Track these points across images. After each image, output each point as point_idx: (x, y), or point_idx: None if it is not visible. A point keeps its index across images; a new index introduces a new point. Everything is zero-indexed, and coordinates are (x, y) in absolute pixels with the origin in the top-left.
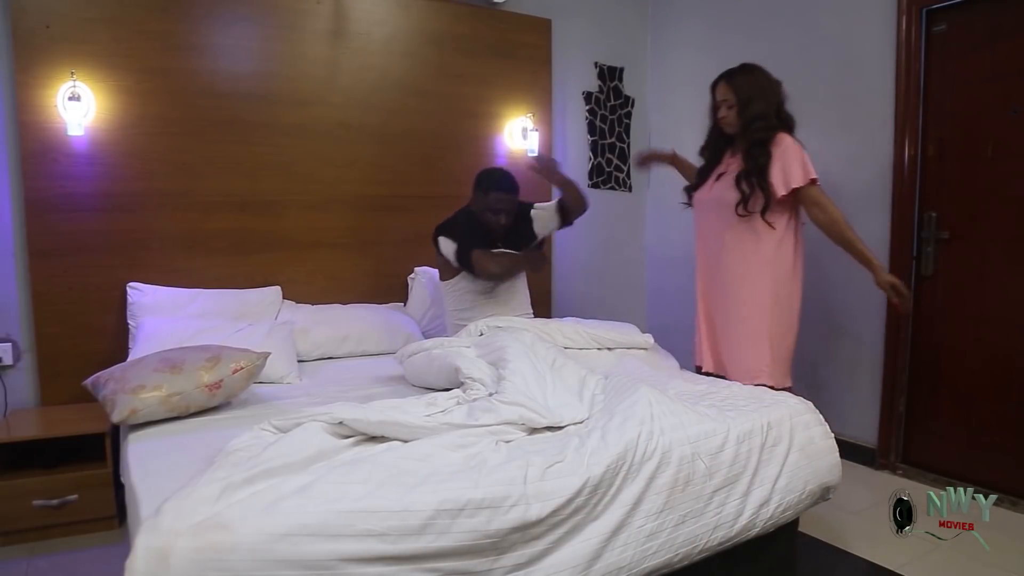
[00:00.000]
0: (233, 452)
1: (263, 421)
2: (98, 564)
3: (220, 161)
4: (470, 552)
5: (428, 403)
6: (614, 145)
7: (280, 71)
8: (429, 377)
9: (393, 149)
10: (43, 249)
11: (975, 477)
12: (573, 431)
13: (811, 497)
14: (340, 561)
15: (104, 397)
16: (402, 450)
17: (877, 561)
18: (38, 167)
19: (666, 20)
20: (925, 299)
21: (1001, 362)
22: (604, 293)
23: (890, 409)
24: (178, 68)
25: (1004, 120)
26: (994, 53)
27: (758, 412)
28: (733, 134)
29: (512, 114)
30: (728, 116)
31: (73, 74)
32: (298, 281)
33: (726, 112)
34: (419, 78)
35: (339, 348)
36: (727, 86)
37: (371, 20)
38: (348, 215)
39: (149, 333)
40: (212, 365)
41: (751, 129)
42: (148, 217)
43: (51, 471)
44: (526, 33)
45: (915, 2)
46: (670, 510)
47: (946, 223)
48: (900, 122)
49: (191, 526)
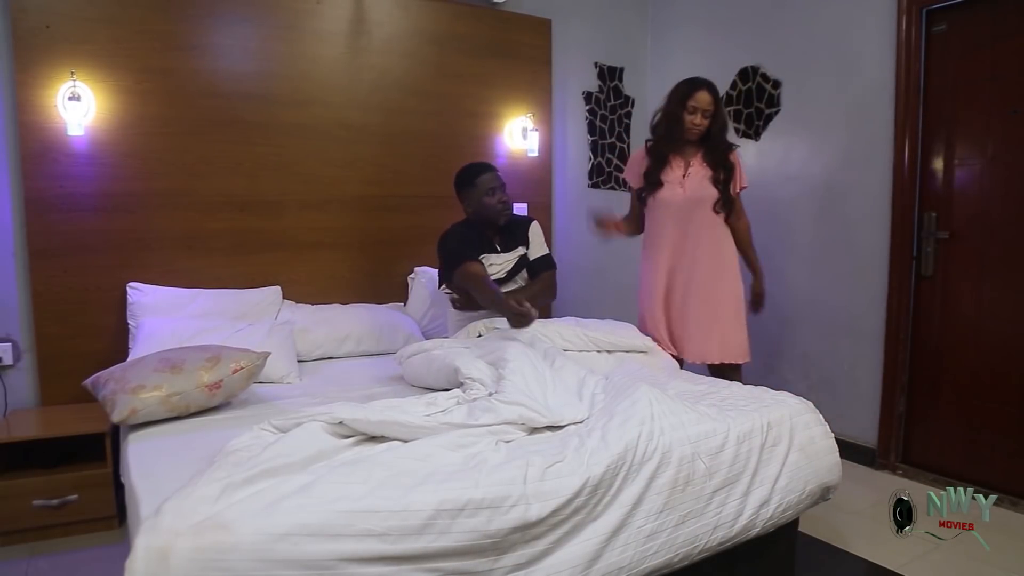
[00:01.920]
0: (233, 452)
1: (263, 421)
2: (98, 564)
3: (220, 161)
4: (470, 552)
5: (428, 403)
6: (614, 145)
7: (280, 71)
8: (428, 378)
9: (393, 149)
10: (43, 249)
11: (975, 477)
12: (573, 431)
13: (811, 497)
14: (340, 561)
15: (104, 397)
16: (402, 450)
17: (877, 561)
18: (38, 167)
19: (666, 20)
20: (925, 299)
21: (1001, 362)
22: (604, 293)
23: (890, 409)
24: (178, 68)
25: (1004, 120)
26: (994, 53)
27: (758, 412)
28: (691, 139)
29: (512, 114)
30: (702, 124)
31: (73, 74)
32: (298, 281)
33: (701, 120)
34: (419, 78)
35: (339, 348)
36: (711, 96)
37: (371, 20)
38: (348, 215)
39: (149, 333)
40: (212, 365)
41: (722, 139)
42: (148, 217)
43: (51, 471)
44: (526, 33)
45: (915, 2)
46: (670, 510)
47: (946, 223)
48: (900, 122)
49: (191, 526)
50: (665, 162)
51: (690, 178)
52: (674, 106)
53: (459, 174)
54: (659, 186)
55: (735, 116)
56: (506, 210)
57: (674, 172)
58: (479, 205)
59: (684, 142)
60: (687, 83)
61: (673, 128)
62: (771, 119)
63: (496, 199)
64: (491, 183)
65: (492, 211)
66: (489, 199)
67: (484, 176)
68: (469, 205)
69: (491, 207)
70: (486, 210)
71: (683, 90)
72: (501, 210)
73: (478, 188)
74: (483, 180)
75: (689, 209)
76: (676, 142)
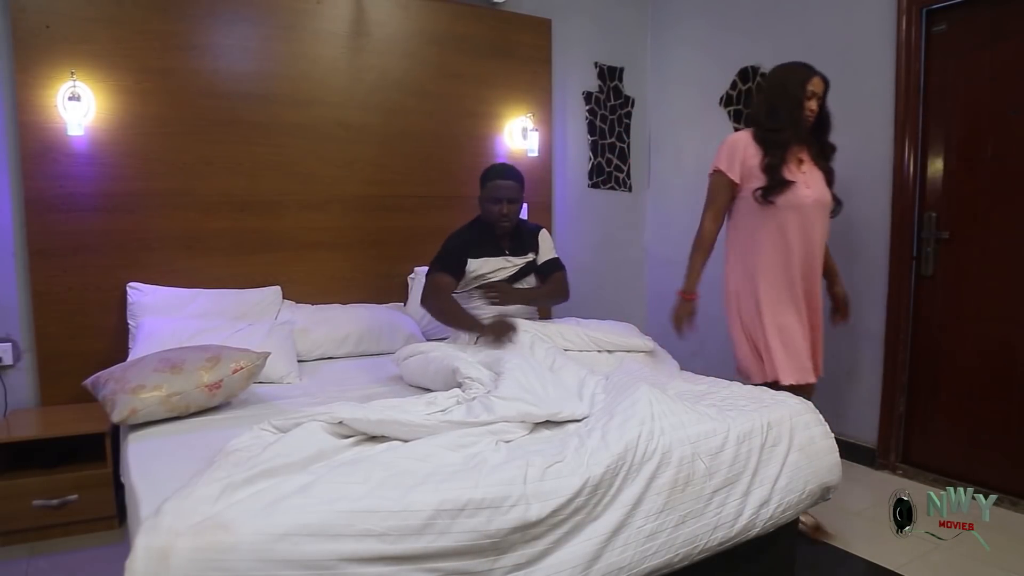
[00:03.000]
0: (233, 452)
1: (263, 421)
2: (98, 564)
3: (220, 161)
4: (470, 552)
5: (428, 402)
6: (614, 145)
7: (280, 71)
8: (426, 380)
9: (393, 149)
10: (43, 249)
11: (975, 477)
12: (573, 430)
13: (811, 497)
14: (340, 561)
15: (104, 397)
16: (402, 450)
17: (877, 561)
18: (38, 167)
19: (666, 20)
20: (925, 299)
21: (1001, 362)
22: (604, 293)
23: (890, 409)
24: (178, 68)
25: (1004, 120)
26: (994, 53)
27: (758, 412)
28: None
29: (512, 114)
30: (813, 114)
31: (73, 74)
32: (298, 281)
33: (815, 107)
34: (419, 78)
35: (339, 348)
36: (822, 81)
37: (371, 20)
38: (348, 215)
39: (149, 333)
40: (212, 365)
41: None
42: (148, 217)
43: (51, 471)
44: (526, 33)
45: (915, 2)
46: (670, 510)
47: (946, 223)
48: (900, 122)
49: (191, 526)
50: (787, 156)
51: (808, 177)
52: (796, 89)
53: (486, 169)
54: (787, 185)
55: (735, 116)
56: (504, 222)
57: (793, 170)
58: (483, 207)
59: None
60: (802, 66)
61: (797, 116)
62: None
63: (498, 210)
64: (497, 193)
65: (490, 217)
66: (491, 206)
67: (495, 183)
68: (480, 201)
69: (491, 213)
70: (486, 214)
71: (802, 73)
72: (498, 221)
73: (486, 190)
74: (492, 187)
75: (816, 212)
76: (800, 133)
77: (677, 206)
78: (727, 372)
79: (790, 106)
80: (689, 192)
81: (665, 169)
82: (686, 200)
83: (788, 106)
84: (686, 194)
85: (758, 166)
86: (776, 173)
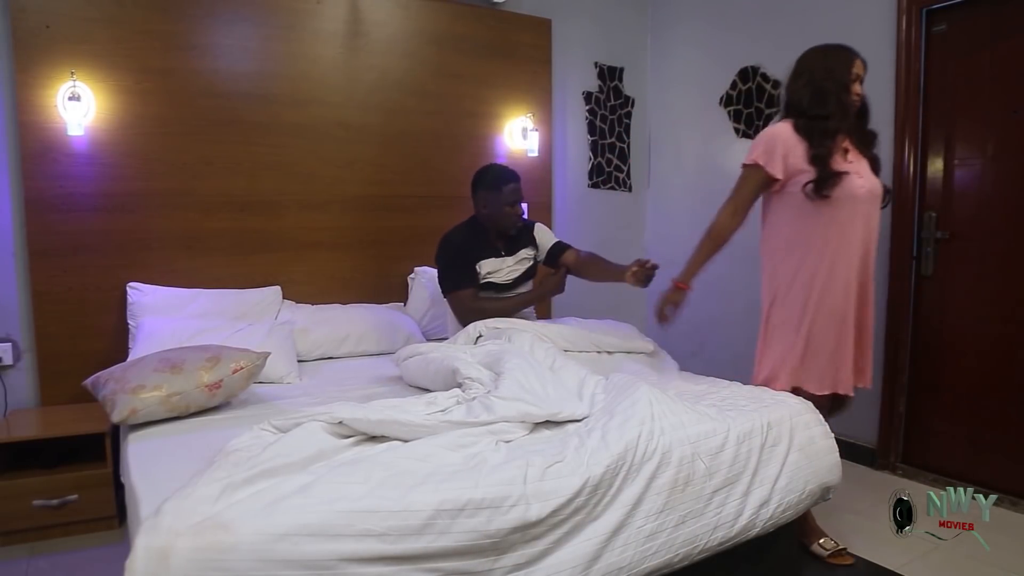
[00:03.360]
0: (233, 452)
1: (263, 421)
2: (98, 564)
3: (220, 161)
4: (470, 552)
5: (428, 402)
6: (614, 145)
7: (280, 71)
8: (425, 380)
9: (393, 149)
10: (43, 249)
11: (975, 477)
12: (573, 430)
13: (811, 497)
14: (340, 561)
15: (104, 397)
16: (402, 450)
17: (877, 561)
18: (38, 167)
19: (666, 20)
20: (925, 299)
21: (1001, 362)
22: (604, 293)
23: (890, 409)
24: (178, 68)
25: (1004, 120)
26: (994, 53)
27: (758, 412)
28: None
29: (512, 114)
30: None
31: (73, 74)
32: (298, 281)
33: (860, 89)
34: (419, 78)
35: (339, 348)
36: (863, 64)
37: (371, 20)
38: (348, 215)
39: (149, 333)
40: (212, 365)
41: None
42: (148, 217)
43: (51, 471)
44: (526, 33)
45: (915, 2)
46: (670, 510)
47: (946, 223)
48: (900, 122)
49: (191, 526)
50: (835, 146)
51: (857, 166)
52: (843, 73)
53: (482, 174)
54: (840, 176)
55: (735, 116)
56: (519, 223)
57: (839, 160)
58: (498, 212)
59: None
60: (844, 49)
61: (845, 101)
62: (771, 119)
63: (515, 212)
64: (512, 197)
65: (507, 221)
66: (507, 210)
67: (511, 186)
68: (485, 207)
69: (509, 217)
70: (503, 219)
71: (845, 55)
72: (515, 223)
73: (503, 195)
74: (509, 190)
75: (871, 204)
76: (849, 119)
77: (677, 206)
78: (727, 372)
79: (837, 91)
80: (689, 192)
81: (665, 169)
82: (686, 200)
83: (836, 91)
84: (686, 194)
85: (803, 158)
86: (827, 164)
